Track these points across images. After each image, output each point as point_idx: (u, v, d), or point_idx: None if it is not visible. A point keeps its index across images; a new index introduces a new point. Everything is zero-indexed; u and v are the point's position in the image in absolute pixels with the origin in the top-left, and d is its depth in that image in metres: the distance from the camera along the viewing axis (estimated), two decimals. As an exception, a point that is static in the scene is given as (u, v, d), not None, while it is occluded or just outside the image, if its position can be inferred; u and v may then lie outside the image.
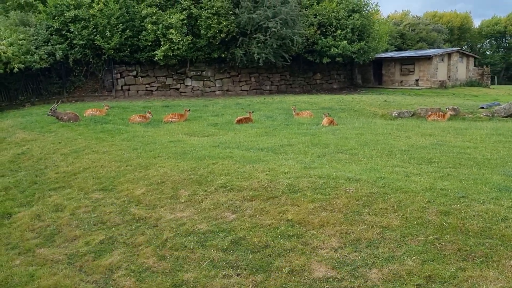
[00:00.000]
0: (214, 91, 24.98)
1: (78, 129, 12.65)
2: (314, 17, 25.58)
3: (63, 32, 20.79)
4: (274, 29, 21.38)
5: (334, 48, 25.09)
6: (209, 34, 21.95)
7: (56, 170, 8.69)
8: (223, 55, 23.59)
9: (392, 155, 8.50)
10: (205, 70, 24.63)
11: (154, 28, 20.92)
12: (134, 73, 23.00)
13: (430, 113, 15.17)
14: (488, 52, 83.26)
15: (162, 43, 21.19)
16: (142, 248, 5.25)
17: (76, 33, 20.24)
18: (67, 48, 20.57)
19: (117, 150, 9.59)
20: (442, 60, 30.19)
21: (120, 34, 20.65)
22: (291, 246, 4.83)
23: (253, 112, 14.63)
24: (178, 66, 23.69)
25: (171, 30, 21.01)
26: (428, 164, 7.72)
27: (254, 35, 22.38)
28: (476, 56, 35.84)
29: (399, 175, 6.65)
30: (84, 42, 20.29)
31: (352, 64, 31.07)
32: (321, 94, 26.32)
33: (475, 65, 34.67)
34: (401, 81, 30.59)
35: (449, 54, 30.78)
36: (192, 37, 21.79)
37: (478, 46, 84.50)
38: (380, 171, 7.01)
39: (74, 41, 20.41)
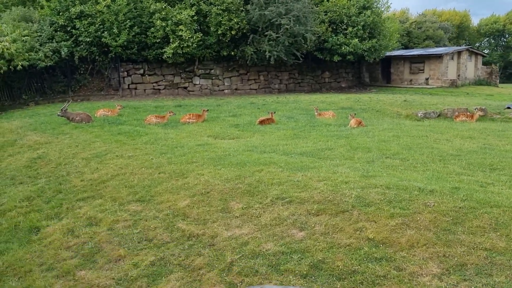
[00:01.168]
0: (223, 90, 24.25)
1: (93, 131, 11.94)
2: (325, 14, 24.91)
3: (68, 29, 19.94)
4: (286, 26, 20.68)
5: (345, 46, 24.45)
6: (219, 31, 21.20)
7: (81, 177, 7.96)
8: (232, 53, 22.85)
9: (445, 161, 7.88)
10: (214, 69, 23.88)
11: (163, 24, 20.14)
12: (141, 71, 22.20)
13: (457, 113, 14.58)
14: (486, 51, 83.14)
15: (171, 40, 20.42)
16: (203, 273, 4.56)
17: (82, 29, 19.41)
18: (73, 45, 19.75)
19: (143, 155, 8.90)
20: (452, 58, 29.67)
21: (128, 31, 19.85)
22: (384, 272, 4.17)
23: (274, 112, 13.96)
24: (186, 65, 22.92)
25: (180, 27, 20.25)
26: (492, 171, 7.11)
27: (266, 33, 21.66)
28: (485, 54, 35.39)
29: (473, 185, 6.02)
30: (90, 39, 19.46)
31: (360, 62, 30.48)
32: (332, 93, 25.69)
33: (483, 64, 34.22)
34: (411, 80, 30.04)
35: (459, 53, 30.27)
36: (201, 34, 21.03)
37: (477, 44, 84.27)
38: (447, 180, 6.39)
39: (80, 38, 19.59)
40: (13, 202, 7.18)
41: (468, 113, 14.41)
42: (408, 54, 30.75)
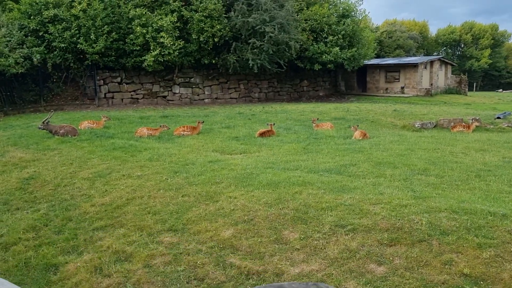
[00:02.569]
0: (203, 99, 23.45)
1: (83, 146, 10.98)
2: (305, 22, 24.69)
3: (41, 34, 18.60)
4: (271, 34, 20.22)
5: (326, 54, 24.30)
6: (201, 39, 20.45)
7: (90, 201, 7.07)
8: (213, 61, 22.13)
9: (482, 177, 7.57)
10: (193, 77, 23.06)
11: (144, 31, 19.17)
12: (119, 79, 21.06)
13: (453, 124, 14.57)
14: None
15: (151, 47, 19.45)
16: (284, 322, 3.89)
17: (57, 34, 18.13)
18: (45, 52, 18.41)
19: (154, 174, 8.11)
20: (425, 67, 30.24)
21: (105, 37, 18.74)
22: (500, 316, 3.66)
23: (274, 124, 13.39)
24: (165, 73, 21.98)
25: (161, 34, 19.35)
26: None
27: (249, 40, 21.11)
28: (454, 64, 36.41)
29: (538, 206, 5.68)
30: (65, 45, 18.20)
31: (336, 71, 30.51)
32: (313, 102, 25.46)
33: (452, 73, 35.17)
34: (386, 89, 30.35)
35: (431, 62, 30.92)
36: (183, 41, 20.20)
37: (435, 54, 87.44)
38: (504, 201, 6.03)
39: (54, 44, 18.28)
40: (16, 233, 6.20)
41: (463, 124, 14.42)
42: (383, 63, 31.11)
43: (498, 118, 15.86)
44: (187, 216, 6.11)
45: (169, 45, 19.20)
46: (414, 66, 28.82)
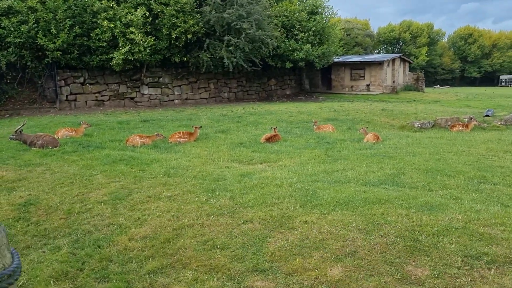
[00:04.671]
0: (173, 100, 21.89)
1: (73, 159, 9.44)
2: (276, 18, 23.83)
3: (-9, 28, 16.26)
4: (248, 31, 19.14)
5: (297, 52, 23.61)
6: (173, 35, 18.92)
7: (125, 233, 5.72)
8: (184, 59, 20.64)
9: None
10: (162, 76, 21.43)
11: (111, 25, 17.34)
12: (81, 79, 19.01)
13: (450, 123, 14.39)
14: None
15: (120, 44, 17.66)
16: None
17: (12, 29, 15.87)
18: (-3, 49, 16.12)
19: (186, 194, 6.89)
20: (388, 65, 30.56)
21: (67, 31, 16.72)
22: None
23: (276, 127, 12.41)
24: (132, 72, 20.19)
25: (131, 29, 17.63)
26: None
27: (223, 37, 19.88)
28: (411, 61, 37.27)
29: None
30: (21, 41, 15.98)
31: (300, 69, 29.99)
32: (285, 101, 24.71)
33: (409, 70, 35.98)
34: (352, 86, 30.31)
35: (393, 60, 31.32)
36: (154, 37, 18.59)
37: (376, 51, 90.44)
38: None
39: (8, 39, 16.00)
40: (44, 284, 4.79)
41: (461, 123, 14.27)
42: (349, 60, 31.05)
43: (487, 116, 15.95)
44: (267, 250, 5.00)
45: (140, 42, 17.53)
46: (380, 63, 29.00)
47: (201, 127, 12.14)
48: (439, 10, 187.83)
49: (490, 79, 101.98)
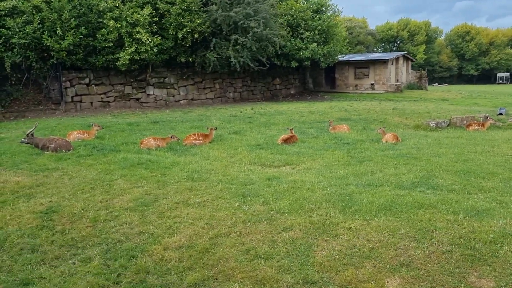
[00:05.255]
0: (179, 100, 21.59)
1: (89, 163, 9.15)
2: (282, 17, 23.55)
3: (-5, 29, 15.89)
4: (256, 29, 18.85)
5: (303, 51, 23.36)
6: (179, 35, 18.62)
7: (158, 242, 5.45)
8: (190, 59, 20.33)
9: None
10: (168, 76, 21.12)
11: (117, 25, 17.01)
12: (87, 80, 18.67)
13: (465, 122, 14.18)
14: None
15: (127, 44, 17.34)
16: None
17: (16, 29, 15.50)
18: (2, 50, 15.72)
19: (216, 199, 6.63)
20: (392, 64, 30.37)
21: (73, 32, 16.38)
22: None
23: (292, 128, 12.16)
24: (137, 72, 19.87)
25: (137, 28, 17.32)
26: None
27: (230, 36, 19.59)
28: (414, 59, 37.10)
29: None
30: (27, 42, 15.63)
31: (304, 68, 29.75)
32: (291, 101, 24.46)
33: (412, 69, 35.81)
34: (356, 85, 30.10)
35: (397, 58, 31.13)
36: (161, 37, 18.28)
37: (374, 49, 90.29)
38: None
39: (13, 40, 15.63)
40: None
41: (476, 122, 14.07)
42: (353, 59, 30.83)
43: (501, 114, 15.76)
44: (314, 260, 4.74)
45: (146, 42, 17.22)
46: (384, 62, 28.80)
47: (216, 128, 11.86)
48: (434, 8, 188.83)
49: (487, 76, 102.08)
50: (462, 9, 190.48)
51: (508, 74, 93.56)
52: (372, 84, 29.43)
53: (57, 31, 15.91)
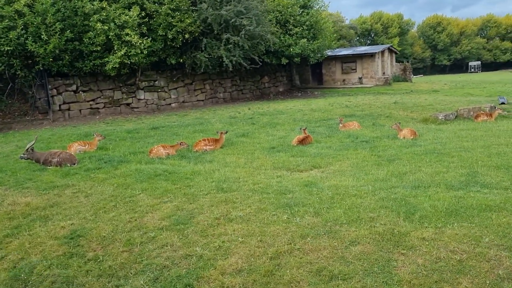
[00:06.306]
0: (170, 104, 20.83)
1: (101, 178, 8.48)
2: (270, 13, 23.04)
3: (-25, 36, 14.81)
4: (249, 27, 18.28)
5: (293, 47, 22.92)
6: (169, 35, 17.88)
7: (212, 267, 4.88)
8: (181, 61, 19.60)
9: None
10: (157, 80, 20.32)
11: (105, 27, 16.15)
12: (74, 87, 17.71)
13: (472, 113, 14.02)
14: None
15: (116, 47, 16.51)
16: None
17: (-1, 35, 14.51)
18: (-17, 58, 14.71)
19: (259, 212, 6.11)
20: (378, 57, 30.28)
21: (58, 36, 15.45)
22: None
23: (306, 128, 11.68)
24: (126, 77, 19.02)
25: (126, 30, 16.50)
26: None
27: (221, 36, 18.96)
28: (397, 52, 37.17)
29: None
30: (11, 49, 14.62)
31: (291, 65, 29.33)
32: (283, 99, 23.97)
33: (396, 61, 35.87)
34: (343, 80, 29.88)
35: (382, 52, 31.07)
36: (150, 39, 17.51)
37: (355, 44, 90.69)
38: None
39: (-4, 48, 14.63)
40: None
41: (483, 112, 13.93)
42: (339, 54, 30.58)
43: (502, 103, 15.69)
44: (399, 278, 4.26)
45: (137, 44, 16.42)
46: (371, 56, 28.67)
47: (226, 132, 11.25)
48: (399, 0, 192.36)
49: (459, 66, 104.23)
50: (427, 0, 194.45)
51: (479, 63, 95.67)
52: (360, 78, 29.27)
53: (42, 36, 14.96)
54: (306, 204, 6.13)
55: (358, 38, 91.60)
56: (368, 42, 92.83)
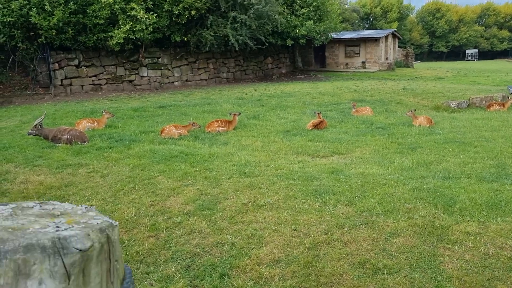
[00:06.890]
0: (173, 82, 20.41)
1: (114, 157, 8.23)
2: (276, -7, 22.47)
3: (-25, 6, 14.23)
4: (257, 6, 17.80)
5: (299, 28, 22.46)
6: (175, 11, 17.37)
7: (247, 256, 4.65)
8: (185, 38, 19.11)
9: None
10: (161, 57, 19.84)
11: (110, 1, 15.60)
12: (76, 62, 17.22)
13: (485, 102, 13.87)
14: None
15: (121, 21, 15.99)
16: None
17: (0, 6, 13.93)
18: (-17, 28, 14.17)
19: (288, 199, 5.92)
20: (382, 42, 29.91)
21: (62, 7, 14.91)
22: None
23: (320, 112, 11.43)
24: (129, 53, 18.53)
25: (132, 4, 15.97)
26: None
27: (228, 14, 18.47)
28: (401, 37, 36.75)
29: None
30: (12, 20, 14.08)
31: (294, 46, 28.84)
32: (286, 81, 23.62)
33: (399, 47, 35.53)
34: (346, 64, 29.54)
35: (386, 36, 30.68)
36: (156, 14, 17.00)
37: (358, 27, 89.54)
38: None
39: (-4, 18, 14.08)
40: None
41: (495, 102, 13.77)
42: (343, 37, 30.13)
43: (512, 93, 15.56)
44: (448, 274, 4.08)
45: (143, 19, 15.93)
46: (376, 40, 28.29)
47: (240, 114, 10.97)
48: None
49: (456, 53, 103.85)
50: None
51: (476, 51, 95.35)
52: (363, 63, 28.95)
53: (46, 7, 14.42)
54: (337, 193, 5.93)
55: (357, 21, 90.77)
56: (367, 25, 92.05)
